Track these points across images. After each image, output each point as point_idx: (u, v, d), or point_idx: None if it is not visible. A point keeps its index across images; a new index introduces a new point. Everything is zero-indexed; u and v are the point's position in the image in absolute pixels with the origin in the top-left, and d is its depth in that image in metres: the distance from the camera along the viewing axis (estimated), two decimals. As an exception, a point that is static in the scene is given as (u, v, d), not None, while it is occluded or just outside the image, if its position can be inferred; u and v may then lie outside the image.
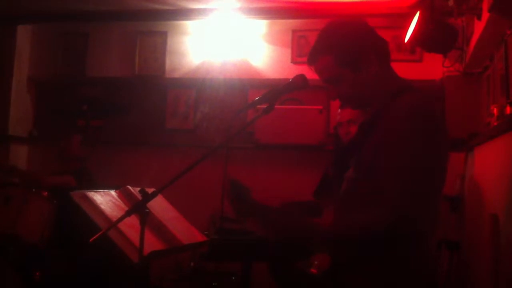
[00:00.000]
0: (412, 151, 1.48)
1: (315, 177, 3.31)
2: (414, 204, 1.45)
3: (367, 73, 1.64)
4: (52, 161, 3.95)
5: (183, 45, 4.49)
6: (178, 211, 2.45)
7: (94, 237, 1.66)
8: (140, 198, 1.69)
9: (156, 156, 4.37)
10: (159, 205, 2.30)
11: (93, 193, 2.15)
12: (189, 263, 3.92)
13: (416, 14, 3.08)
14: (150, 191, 1.68)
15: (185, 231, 2.33)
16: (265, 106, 1.73)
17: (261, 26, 4.36)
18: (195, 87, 4.43)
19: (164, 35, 4.50)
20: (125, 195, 2.29)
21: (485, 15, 2.54)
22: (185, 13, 4.30)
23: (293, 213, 1.64)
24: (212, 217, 3.67)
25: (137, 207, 1.68)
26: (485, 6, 2.51)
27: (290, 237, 1.74)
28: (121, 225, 1.88)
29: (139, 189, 1.72)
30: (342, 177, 1.72)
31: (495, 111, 2.48)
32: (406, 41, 3.19)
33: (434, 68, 3.83)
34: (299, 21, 4.27)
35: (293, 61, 4.29)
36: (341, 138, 3.05)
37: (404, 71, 1.72)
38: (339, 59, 1.63)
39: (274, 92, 1.73)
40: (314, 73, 1.71)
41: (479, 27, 2.74)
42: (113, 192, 2.28)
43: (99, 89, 4.54)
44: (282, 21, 4.33)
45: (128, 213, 1.66)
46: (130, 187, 2.32)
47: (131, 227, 1.93)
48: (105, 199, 2.16)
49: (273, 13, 4.19)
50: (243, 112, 3.94)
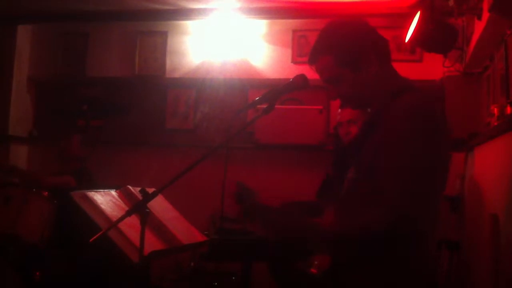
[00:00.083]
0: (412, 151, 1.48)
1: (315, 177, 3.31)
2: (414, 204, 1.45)
3: (367, 73, 1.64)
4: (52, 161, 3.95)
5: (183, 45, 4.49)
6: (178, 211, 2.45)
7: (94, 237, 1.67)
8: (140, 198, 1.69)
9: (156, 156, 4.37)
10: (159, 205, 2.30)
11: (93, 193, 2.15)
12: (189, 263, 3.92)
13: (416, 14, 3.08)
14: (150, 191, 1.68)
15: (185, 231, 2.33)
16: (265, 106, 1.73)
17: (261, 26, 4.36)
18: (195, 87, 4.43)
19: (164, 35, 4.50)
20: (125, 195, 2.29)
21: (485, 15, 2.54)
22: (185, 13, 4.30)
23: (293, 213, 1.64)
24: (212, 217, 3.68)
25: (138, 207, 1.68)
26: (485, 6, 2.51)
27: (290, 237, 1.74)
28: (121, 225, 1.88)
29: (139, 189, 1.72)
30: (342, 177, 1.72)
31: (495, 111, 2.48)
32: (406, 41, 3.19)
33: (434, 68, 3.83)
34: (299, 21, 4.27)
35: (293, 61, 4.29)
36: (341, 138, 3.05)
37: (404, 71, 1.71)
38: (339, 59, 1.63)
39: (274, 92, 1.73)
40: (314, 73, 1.71)
41: (479, 27, 2.74)
42: (113, 192, 2.28)
43: (99, 89, 4.54)
44: (282, 21, 4.33)
45: (128, 213, 1.66)
46: (130, 187, 2.32)
47: (131, 227, 1.93)
48: (105, 199, 2.16)
49: (273, 13, 4.19)
50: (243, 112, 3.94)
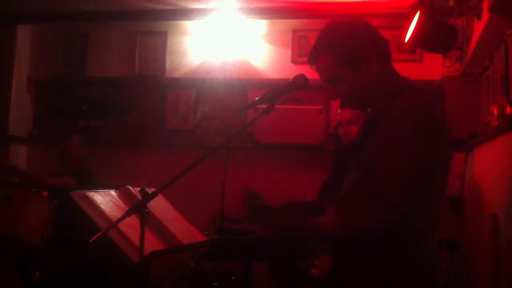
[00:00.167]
0: (412, 151, 1.48)
1: (315, 177, 3.30)
2: (414, 204, 1.45)
3: (367, 73, 1.64)
4: (52, 161, 3.95)
5: (183, 45, 4.48)
6: (178, 211, 2.46)
7: (94, 237, 1.67)
8: (140, 198, 1.69)
9: (156, 156, 4.37)
10: (159, 205, 2.30)
11: (93, 193, 2.15)
12: (189, 263, 3.92)
13: (416, 14, 3.08)
14: (150, 191, 1.68)
15: (185, 231, 2.33)
16: (265, 106, 1.72)
17: (261, 26, 4.36)
18: (195, 87, 4.43)
19: (164, 35, 4.50)
20: (125, 195, 2.29)
21: (485, 15, 2.54)
22: (185, 13, 4.30)
23: (293, 213, 1.64)
24: (212, 217, 3.67)
25: (137, 207, 1.68)
26: (485, 6, 2.50)
27: (290, 237, 1.74)
28: (121, 225, 1.88)
29: (139, 189, 1.72)
30: (342, 177, 1.72)
31: (495, 111, 2.48)
32: (406, 41, 3.19)
33: (434, 68, 3.83)
34: (299, 21, 4.27)
35: (293, 61, 4.29)
36: (341, 138, 3.05)
37: (404, 71, 1.71)
38: (339, 59, 1.63)
39: (274, 92, 1.73)
40: (314, 73, 1.71)
41: (479, 27, 2.74)
42: (113, 192, 2.28)
43: (99, 89, 4.54)
44: (282, 21, 4.32)
45: (128, 213, 1.66)
46: (130, 187, 2.32)
47: (131, 227, 1.93)
48: (105, 199, 2.16)
49: (273, 13, 4.19)
50: (243, 112, 3.94)
